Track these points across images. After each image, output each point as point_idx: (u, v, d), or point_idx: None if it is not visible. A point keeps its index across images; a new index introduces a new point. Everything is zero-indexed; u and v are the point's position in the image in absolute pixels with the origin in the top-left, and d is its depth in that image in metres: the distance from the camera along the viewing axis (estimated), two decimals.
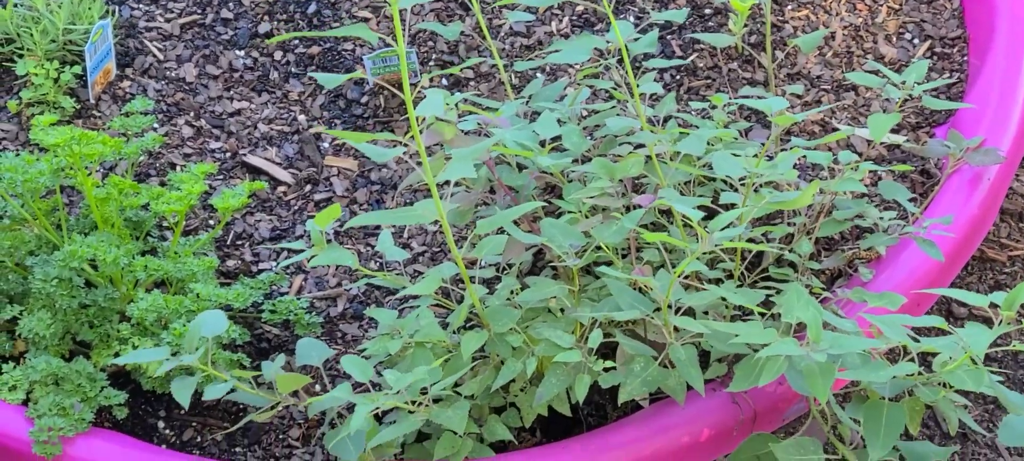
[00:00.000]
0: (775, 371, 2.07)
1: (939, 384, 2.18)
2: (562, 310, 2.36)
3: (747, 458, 2.32)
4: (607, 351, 2.35)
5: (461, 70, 3.19)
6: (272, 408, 2.34)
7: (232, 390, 2.30)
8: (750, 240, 2.56)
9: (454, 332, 2.39)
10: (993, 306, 2.12)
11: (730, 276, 2.52)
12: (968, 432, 2.71)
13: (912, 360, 2.11)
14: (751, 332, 2.12)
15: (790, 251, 2.57)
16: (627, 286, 2.30)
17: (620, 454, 2.39)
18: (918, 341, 2.11)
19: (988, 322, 2.12)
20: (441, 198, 2.19)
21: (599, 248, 2.36)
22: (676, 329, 2.29)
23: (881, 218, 2.63)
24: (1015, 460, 2.71)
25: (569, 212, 2.44)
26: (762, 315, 2.40)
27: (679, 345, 2.28)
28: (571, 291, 2.36)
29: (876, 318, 2.15)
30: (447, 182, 2.47)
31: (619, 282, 2.30)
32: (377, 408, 2.18)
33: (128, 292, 2.61)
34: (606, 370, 2.27)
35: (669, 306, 2.25)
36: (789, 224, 2.63)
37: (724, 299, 2.34)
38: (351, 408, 2.37)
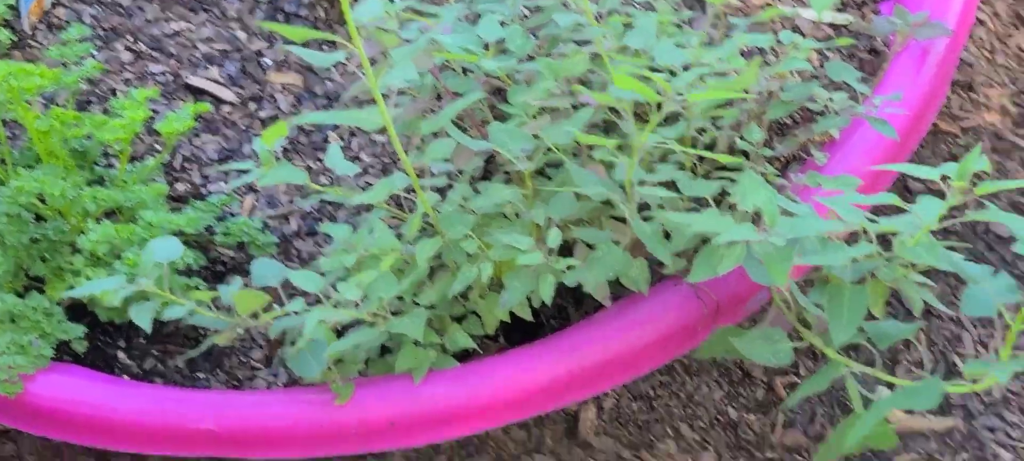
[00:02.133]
0: (735, 259, 2.06)
1: (901, 265, 2.18)
2: (517, 214, 2.35)
3: (714, 352, 2.32)
4: (567, 253, 2.34)
5: None
6: (232, 330, 2.32)
7: (191, 314, 2.29)
8: (699, 130, 2.54)
9: (409, 243, 2.37)
10: (944, 178, 2.11)
11: (682, 169, 2.51)
12: (932, 309, 2.72)
13: (871, 241, 2.10)
14: (708, 221, 2.11)
15: (741, 138, 2.56)
16: (588, 171, 2.29)
17: (586, 354, 2.38)
18: (876, 221, 2.10)
19: (943, 196, 2.12)
20: (387, 106, 2.17)
21: (550, 150, 2.34)
22: (640, 209, 2.28)
23: (831, 100, 2.61)
24: (979, 331, 2.72)
25: (517, 115, 2.42)
26: (718, 205, 2.39)
27: (643, 223, 2.27)
28: (525, 194, 2.34)
29: (832, 201, 2.14)
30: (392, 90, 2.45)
31: (579, 169, 2.29)
32: (334, 322, 2.17)
33: (78, 224, 2.58)
34: (568, 269, 2.26)
35: (631, 186, 2.24)
36: (739, 111, 2.62)
37: (679, 191, 2.33)
38: None
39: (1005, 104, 3.12)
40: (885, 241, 2.15)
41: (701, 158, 2.57)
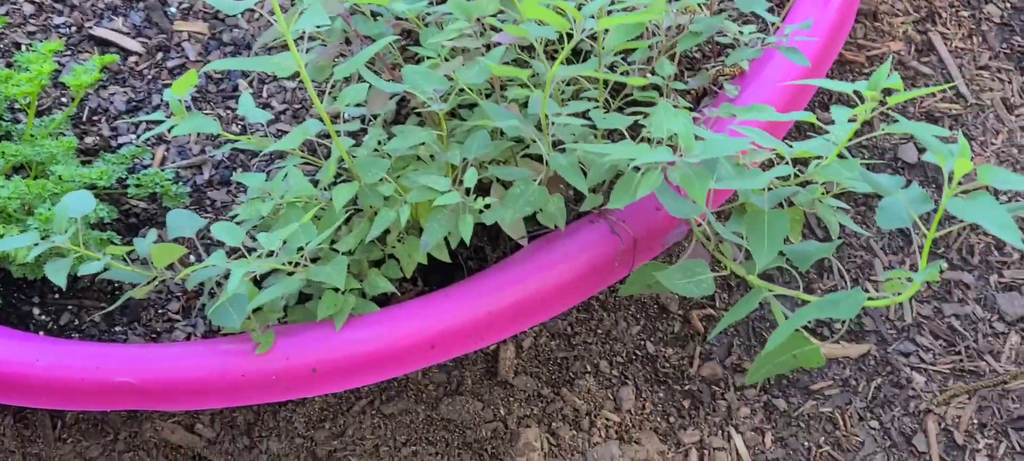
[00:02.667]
0: (651, 183, 2.07)
1: (817, 187, 2.19)
2: (432, 156, 2.34)
3: (637, 288, 2.33)
4: (482, 193, 2.34)
5: None
6: (149, 283, 2.31)
7: (107, 269, 2.27)
8: (610, 67, 2.55)
9: (325, 189, 2.36)
10: (857, 93, 2.13)
11: (596, 105, 2.52)
12: (843, 236, 2.75)
13: (788, 163, 2.12)
14: (623, 150, 2.12)
15: (652, 73, 2.57)
16: (501, 108, 2.29)
17: (504, 294, 2.39)
18: (791, 146, 2.12)
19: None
20: (298, 52, 2.16)
21: (463, 91, 2.34)
22: (554, 146, 2.28)
23: (741, 32, 2.63)
24: (889, 258, 2.75)
25: (429, 57, 2.42)
26: (632, 139, 2.40)
27: (559, 155, 2.27)
28: (439, 136, 2.34)
29: (747, 129, 2.15)
30: (303, 36, 2.43)
31: (493, 106, 2.29)
32: (255, 273, 2.16)
33: None
34: (486, 208, 2.26)
35: (546, 119, 2.24)
36: (649, 47, 2.63)
37: (593, 126, 2.34)
38: (229, 276, 2.35)
39: (909, 31, 3.15)
40: (798, 173, 2.17)
41: (613, 94, 2.58)
